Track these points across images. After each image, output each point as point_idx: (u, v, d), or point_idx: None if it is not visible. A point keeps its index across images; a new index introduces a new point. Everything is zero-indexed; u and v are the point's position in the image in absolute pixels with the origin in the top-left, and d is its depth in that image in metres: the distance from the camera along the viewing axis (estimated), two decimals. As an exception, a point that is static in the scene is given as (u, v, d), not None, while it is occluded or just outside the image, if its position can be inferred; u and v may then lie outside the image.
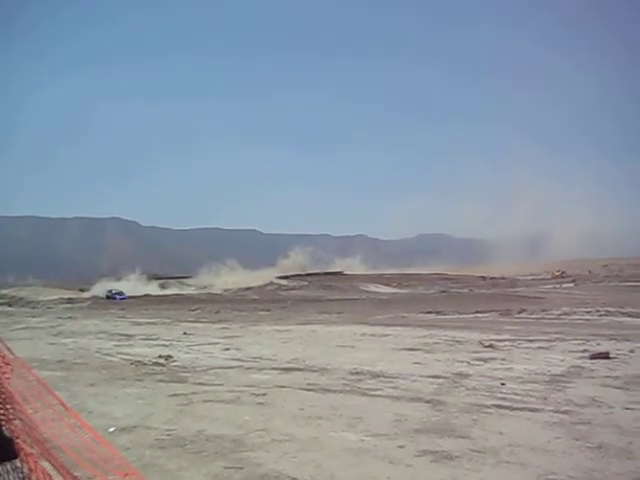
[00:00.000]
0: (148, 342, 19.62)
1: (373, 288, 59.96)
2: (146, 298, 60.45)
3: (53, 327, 27.67)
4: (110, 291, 70.16)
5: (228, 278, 79.08)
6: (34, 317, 36.75)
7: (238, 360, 14.69)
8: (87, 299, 61.20)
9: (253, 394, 10.31)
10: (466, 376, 11.29)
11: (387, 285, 65.26)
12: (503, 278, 73.22)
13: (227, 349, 16.94)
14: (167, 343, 18.89)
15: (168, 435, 7.74)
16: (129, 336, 21.93)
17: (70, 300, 60.34)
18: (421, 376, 11.43)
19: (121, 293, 68.10)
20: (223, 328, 24.79)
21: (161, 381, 12.01)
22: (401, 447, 6.97)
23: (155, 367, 13.89)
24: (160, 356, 15.40)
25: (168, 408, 9.40)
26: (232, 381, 11.71)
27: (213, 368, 13.46)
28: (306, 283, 68.54)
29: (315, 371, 12.55)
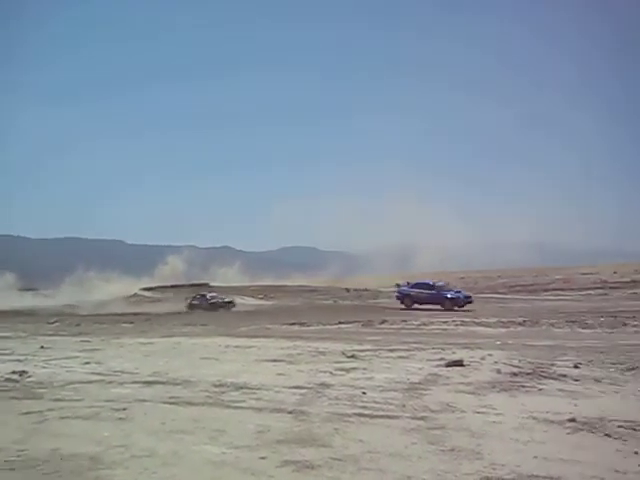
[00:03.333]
0: (0, 357, 18.50)
1: (238, 300, 59.46)
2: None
3: None
4: (202, 296, 53.25)
5: (92, 289, 76.22)
6: None
7: (98, 374, 14.15)
8: None
9: (113, 409, 9.96)
10: (329, 386, 11.47)
11: (252, 297, 65.17)
12: (366, 290, 75.09)
13: (87, 363, 16.27)
14: (22, 358, 17.84)
15: (19, 456, 7.31)
16: (-22, 352, 20.60)
17: None
18: (284, 387, 11.50)
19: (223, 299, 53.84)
20: (83, 341, 23.81)
21: (14, 398, 11.33)
22: (263, 458, 6.98)
23: (7, 383, 13.09)
24: (14, 372, 14.52)
25: (20, 427, 8.89)
26: (91, 396, 11.25)
27: (71, 383, 12.88)
28: (171, 295, 67.04)
29: (178, 384, 12.31)
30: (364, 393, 10.64)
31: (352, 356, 15.72)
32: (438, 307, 39.04)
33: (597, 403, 9.41)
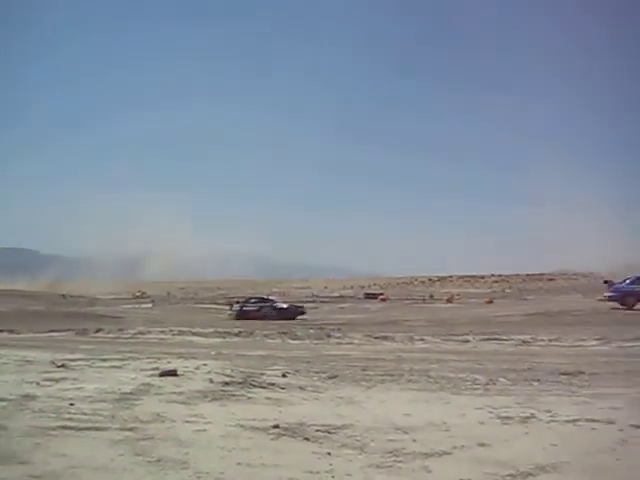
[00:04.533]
0: None
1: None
2: None
3: None
4: (261, 300, 47.46)
5: None
6: None
7: None
8: None
9: None
10: (34, 398, 10.82)
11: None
12: (83, 297, 72.54)
13: None
14: None
15: None
16: None
17: None
18: (-17, 400, 10.64)
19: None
20: None
21: None
22: (-52, 482, 6.42)
23: None
24: None
25: None
26: None
27: None
28: None
29: None
30: (72, 404, 10.22)
31: (62, 365, 14.98)
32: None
33: (299, 409, 10.06)
